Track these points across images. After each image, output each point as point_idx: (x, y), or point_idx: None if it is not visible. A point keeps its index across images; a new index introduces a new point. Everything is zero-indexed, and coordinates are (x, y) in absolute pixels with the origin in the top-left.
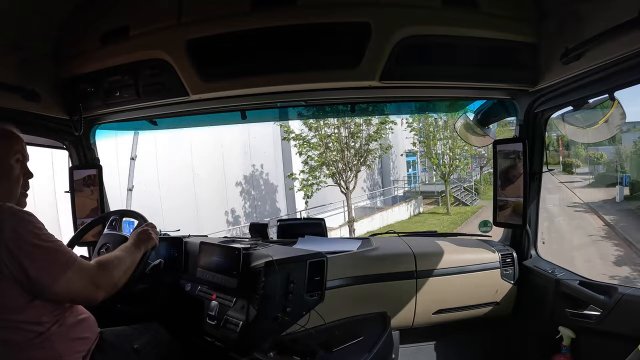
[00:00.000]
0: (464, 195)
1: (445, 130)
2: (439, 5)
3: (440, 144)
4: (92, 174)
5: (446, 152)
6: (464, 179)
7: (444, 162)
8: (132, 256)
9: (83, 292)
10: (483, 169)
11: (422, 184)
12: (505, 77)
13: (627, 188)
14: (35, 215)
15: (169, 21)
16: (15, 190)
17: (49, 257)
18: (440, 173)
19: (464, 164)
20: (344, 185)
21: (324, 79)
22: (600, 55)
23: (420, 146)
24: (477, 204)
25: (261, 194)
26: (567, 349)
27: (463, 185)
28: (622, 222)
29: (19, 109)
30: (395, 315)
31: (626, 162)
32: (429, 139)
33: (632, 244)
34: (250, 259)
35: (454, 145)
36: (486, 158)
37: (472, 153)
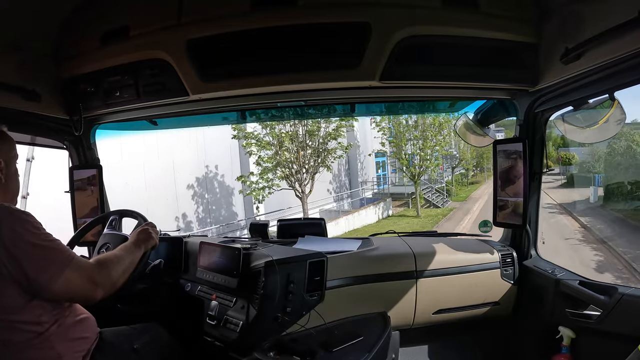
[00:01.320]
0: (436, 196)
1: (416, 130)
2: (439, 5)
3: (410, 144)
4: (92, 174)
5: (416, 153)
6: (435, 180)
7: (414, 162)
8: (131, 255)
9: (81, 291)
10: (455, 169)
11: (393, 186)
12: (505, 77)
13: (601, 188)
14: (32, 215)
15: (169, 21)
16: (8, 190)
17: (47, 256)
18: (410, 174)
19: (434, 164)
20: (299, 188)
21: (324, 79)
22: (600, 55)
23: (390, 146)
24: (448, 206)
25: (216, 197)
26: (567, 349)
27: (434, 186)
28: (598, 224)
29: (19, 109)
30: (395, 315)
31: (598, 163)
32: (398, 139)
33: (611, 247)
34: (250, 259)
35: (424, 145)
36: (458, 158)
37: (444, 153)
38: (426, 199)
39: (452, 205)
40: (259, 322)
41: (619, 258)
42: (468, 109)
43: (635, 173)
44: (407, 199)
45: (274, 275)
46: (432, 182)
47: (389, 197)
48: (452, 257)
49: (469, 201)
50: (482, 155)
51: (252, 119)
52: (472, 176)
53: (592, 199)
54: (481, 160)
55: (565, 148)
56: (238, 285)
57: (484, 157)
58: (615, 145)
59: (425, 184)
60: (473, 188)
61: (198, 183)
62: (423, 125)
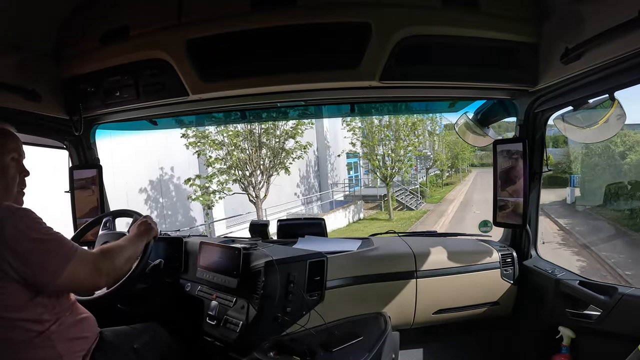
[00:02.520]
0: (409, 198)
1: (388, 130)
2: (439, 5)
3: (383, 145)
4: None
5: (387, 154)
6: (409, 181)
7: (386, 163)
8: (134, 245)
9: (87, 280)
10: (429, 170)
11: (365, 187)
12: (506, 77)
13: (578, 189)
14: (33, 211)
15: (169, 21)
16: (12, 189)
17: (52, 249)
18: (382, 176)
19: (407, 165)
20: (253, 192)
21: (324, 79)
22: (600, 55)
23: (361, 147)
24: (422, 208)
25: (172, 201)
26: (566, 349)
27: (408, 188)
28: (578, 226)
29: (19, 109)
30: (395, 315)
31: (574, 164)
32: (369, 139)
33: (592, 251)
34: (250, 259)
35: (396, 145)
36: (432, 159)
37: (417, 154)
38: (399, 201)
39: (426, 207)
40: (259, 322)
41: (602, 263)
42: (468, 109)
43: (613, 174)
44: (379, 201)
45: (274, 275)
46: (405, 184)
47: (361, 199)
48: (452, 257)
49: (443, 203)
50: (457, 156)
51: (252, 119)
52: (448, 177)
53: (570, 200)
54: (456, 161)
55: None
56: (238, 285)
57: (458, 158)
58: (592, 145)
59: (399, 186)
60: (448, 189)
61: (152, 186)
62: (396, 125)
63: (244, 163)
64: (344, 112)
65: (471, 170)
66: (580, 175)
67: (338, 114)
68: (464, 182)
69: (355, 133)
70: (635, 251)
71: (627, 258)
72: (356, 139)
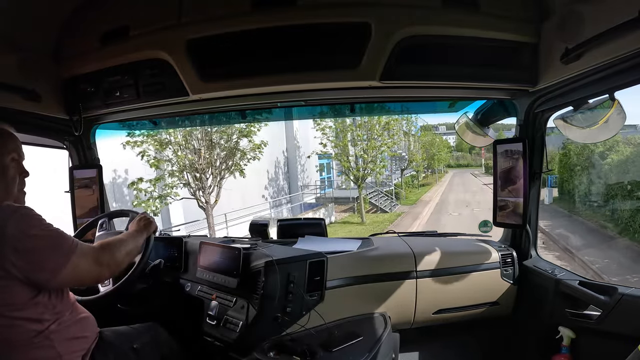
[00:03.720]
0: (384, 200)
1: (360, 129)
2: (439, 5)
3: (354, 145)
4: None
5: (359, 154)
6: (383, 182)
7: (357, 164)
8: (134, 239)
9: (89, 274)
10: (404, 171)
11: (339, 189)
12: (506, 77)
13: (555, 189)
14: (32, 209)
15: (169, 21)
16: (12, 189)
17: (53, 245)
18: (354, 177)
19: (379, 166)
20: (203, 197)
21: (324, 79)
22: (600, 55)
23: (331, 147)
24: (396, 211)
25: (126, 206)
26: (566, 349)
27: (382, 189)
28: (557, 228)
29: (19, 109)
30: (395, 315)
31: (551, 164)
32: (339, 139)
33: (574, 255)
34: (250, 259)
35: (368, 146)
36: (407, 160)
37: (391, 154)
38: (373, 203)
39: (400, 209)
40: (259, 322)
41: (586, 268)
42: (468, 109)
43: (593, 174)
44: (352, 203)
45: (274, 275)
46: (380, 185)
47: (333, 201)
48: (452, 257)
49: (419, 204)
50: (433, 157)
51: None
52: (424, 178)
53: (547, 201)
54: (432, 161)
55: None
56: (238, 285)
57: (435, 159)
58: (571, 146)
59: (373, 188)
60: (424, 190)
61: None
62: (368, 125)
63: (191, 164)
64: (344, 112)
65: (447, 171)
66: (558, 175)
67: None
68: (440, 183)
69: (325, 133)
70: (621, 255)
71: (612, 263)
72: (327, 139)
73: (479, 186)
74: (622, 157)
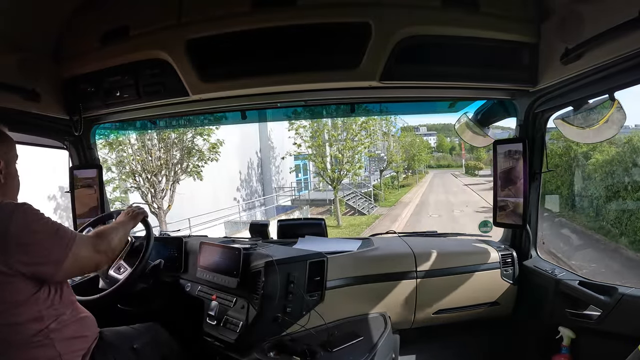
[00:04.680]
0: (362, 202)
1: (335, 130)
2: (439, 5)
3: (329, 146)
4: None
5: (333, 154)
6: (362, 184)
7: (332, 165)
8: (124, 227)
9: (89, 261)
10: (383, 172)
11: (315, 191)
12: (506, 77)
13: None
14: (30, 204)
15: (169, 21)
16: (11, 188)
17: (55, 238)
18: (329, 178)
19: (356, 167)
20: (155, 202)
21: (324, 79)
22: (600, 55)
23: (307, 147)
24: (374, 213)
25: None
26: (567, 349)
27: (360, 191)
28: (540, 231)
29: (19, 109)
30: (395, 315)
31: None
32: (314, 140)
33: (559, 258)
34: (251, 259)
35: (344, 146)
36: (386, 161)
37: (368, 155)
38: (350, 205)
39: (379, 211)
40: (259, 322)
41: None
42: (468, 109)
43: (576, 175)
44: (329, 205)
45: (274, 276)
46: (358, 187)
47: (308, 203)
48: (452, 257)
49: (398, 206)
50: (413, 157)
51: (252, 119)
52: (404, 179)
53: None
54: (412, 162)
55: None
56: (238, 285)
57: (415, 160)
58: (553, 146)
59: (350, 189)
60: (404, 191)
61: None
62: (344, 125)
63: (143, 166)
64: (344, 112)
65: (428, 171)
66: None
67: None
68: (421, 184)
69: (299, 133)
70: (609, 259)
71: (600, 267)
72: (301, 139)
73: (460, 187)
74: (608, 157)
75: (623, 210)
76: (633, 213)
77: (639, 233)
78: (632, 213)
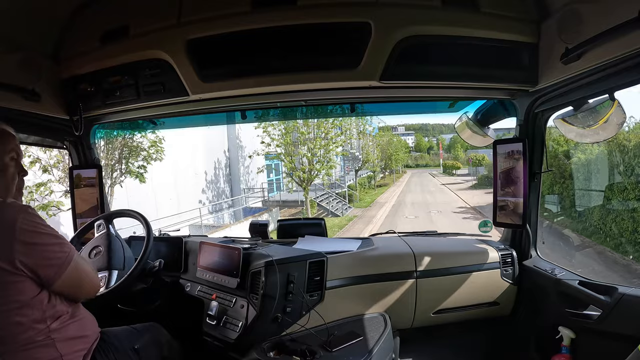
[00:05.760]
0: (336, 202)
1: (307, 127)
2: (439, 5)
3: (299, 145)
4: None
5: (302, 153)
6: (336, 184)
7: (302, 165)
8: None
9: (86, 277)
10: (360, 172)
11: (289, 191)
12: (505, 77)
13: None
14: (33, 208)
15: (169, 21)
16: (11, 188)
17: (58, 244)
18: (299, 179)
19: (327, 167)
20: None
21: (324, 79)
22: (600, 55)
23: (276, 146)
24: (348, 214)
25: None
26: (567, 349)
27: (334, 191)
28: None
29: (19, 109)
30: (395, 315)
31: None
32: (282, 138)
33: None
34: (250, 259)
35: (313, 145)
36: (361, 160)
37: (339, 154)
38: (323, 206)
39: (353, 212)
40: (259, 322)
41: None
42: (468, 109)
43: (556, 174)
44: (301, 207)
45: (274, 275)
46: (331, 187)
47: (279, 205)
48: (452, 257)
49: (373, 207)
50: (390, 156)
51: (252, 119)
52: (382, 178)
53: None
54: (389, 161)
55: (474, 149)
56: (238, 285)
57: (392, 159)
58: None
59: (322, 190)
60: (380, 191)
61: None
62: (316, 122)
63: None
64: (344, 112)
65: (405, 171)
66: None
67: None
68: (398, 183)
69: (267, 131)
70: (594, 261)
71: (590, 272)
72: (268, 137)
73: (438, 186)
74: (592, 156)
75: (609, 211)
76: (618, 214)
77: (624, 233)
78: (617, 214)
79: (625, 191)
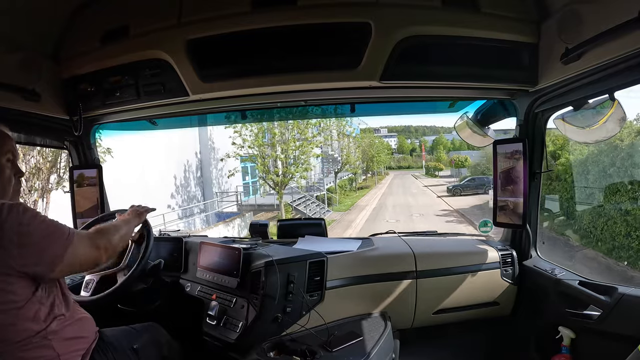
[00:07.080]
0: (315, 206)
1: (280, 128)
2: (439, 5)
3: (272, 147)
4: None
5: (274, 156)
6: (314, 187)
7: (275, 168)
8: (127, 224)
9: (87, 259)
10: (340, 174)
11: (267, 195)
12: (505, 77)
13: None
14: (25, 204)
15: (169, 21)
16: (8, 190)
17: (51, 236)
18: (272, 182)
19: (301, 169)
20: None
21: (324, 79)
22: (600, 55)
23: (248, 147)
24: (328, 218)
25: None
26: (567, 349)
27: (313, 194)
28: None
29: (19, 109)
30: (395, 315)
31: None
32: (255, 140)
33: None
34: (251, 259)
35: (287, 146)
36: (340, 162)
37: (316, 155)
38: (300, 210)
39: (332, 216)
40: (259, 322)
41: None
42: (468, 109)
43: (543, 175)
44: (278, 211)
45: (274, 276)
46: (309, 190)
47: (255, 209)
48: (452, 257)
49: (353, 210)
50: (372, 158)
51: (252, 119)
52: (363, 180)
53: (492, 204)
54: (371, 163)
55: (457, 151)
56: (238, 285)
57: (373, 161)
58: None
59: (300, 193)
60: (361, 193)
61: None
62: (292, 123)
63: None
64: (344, 112)
65: (388, 172)
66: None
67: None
68: (380, 186)
69: (238, 131)
70: (586, 268)
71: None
72: (241, 139)
73: (420, 188)
74: (581, 156)
75: (600, 214)
76: (610, 218)
77: (617, 238)
78: (608, 217)
79: (617, 193)
